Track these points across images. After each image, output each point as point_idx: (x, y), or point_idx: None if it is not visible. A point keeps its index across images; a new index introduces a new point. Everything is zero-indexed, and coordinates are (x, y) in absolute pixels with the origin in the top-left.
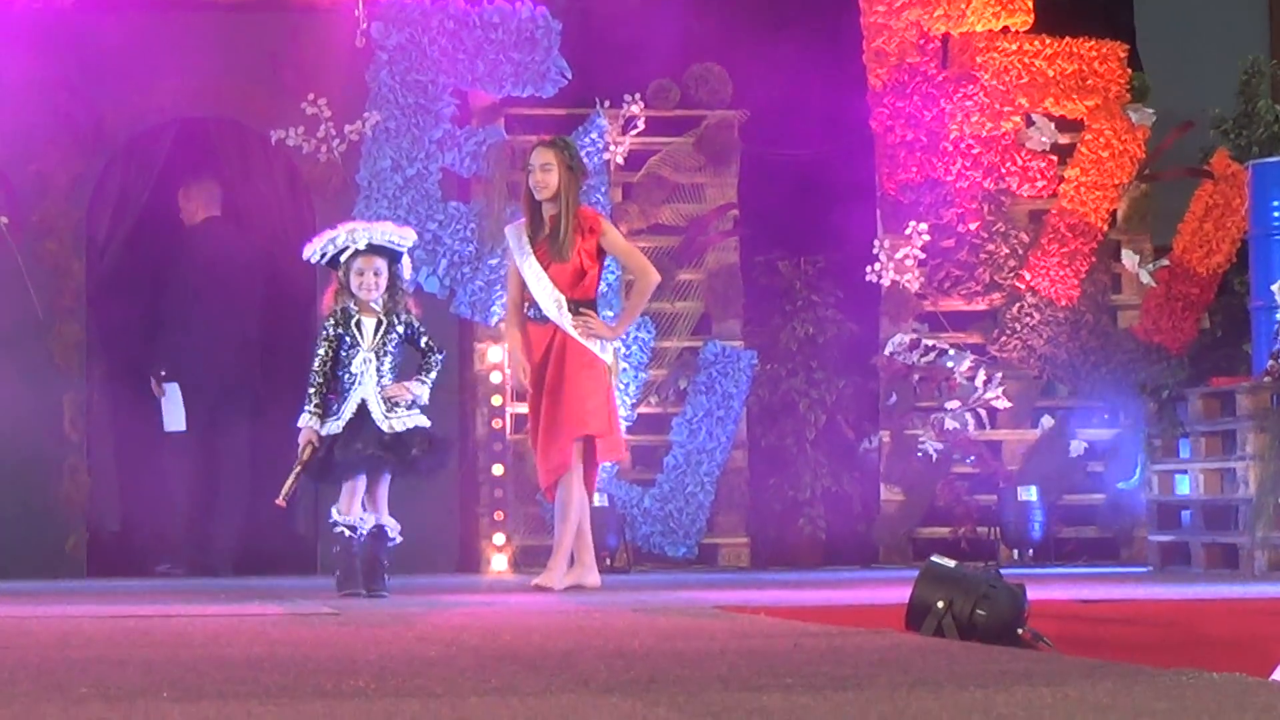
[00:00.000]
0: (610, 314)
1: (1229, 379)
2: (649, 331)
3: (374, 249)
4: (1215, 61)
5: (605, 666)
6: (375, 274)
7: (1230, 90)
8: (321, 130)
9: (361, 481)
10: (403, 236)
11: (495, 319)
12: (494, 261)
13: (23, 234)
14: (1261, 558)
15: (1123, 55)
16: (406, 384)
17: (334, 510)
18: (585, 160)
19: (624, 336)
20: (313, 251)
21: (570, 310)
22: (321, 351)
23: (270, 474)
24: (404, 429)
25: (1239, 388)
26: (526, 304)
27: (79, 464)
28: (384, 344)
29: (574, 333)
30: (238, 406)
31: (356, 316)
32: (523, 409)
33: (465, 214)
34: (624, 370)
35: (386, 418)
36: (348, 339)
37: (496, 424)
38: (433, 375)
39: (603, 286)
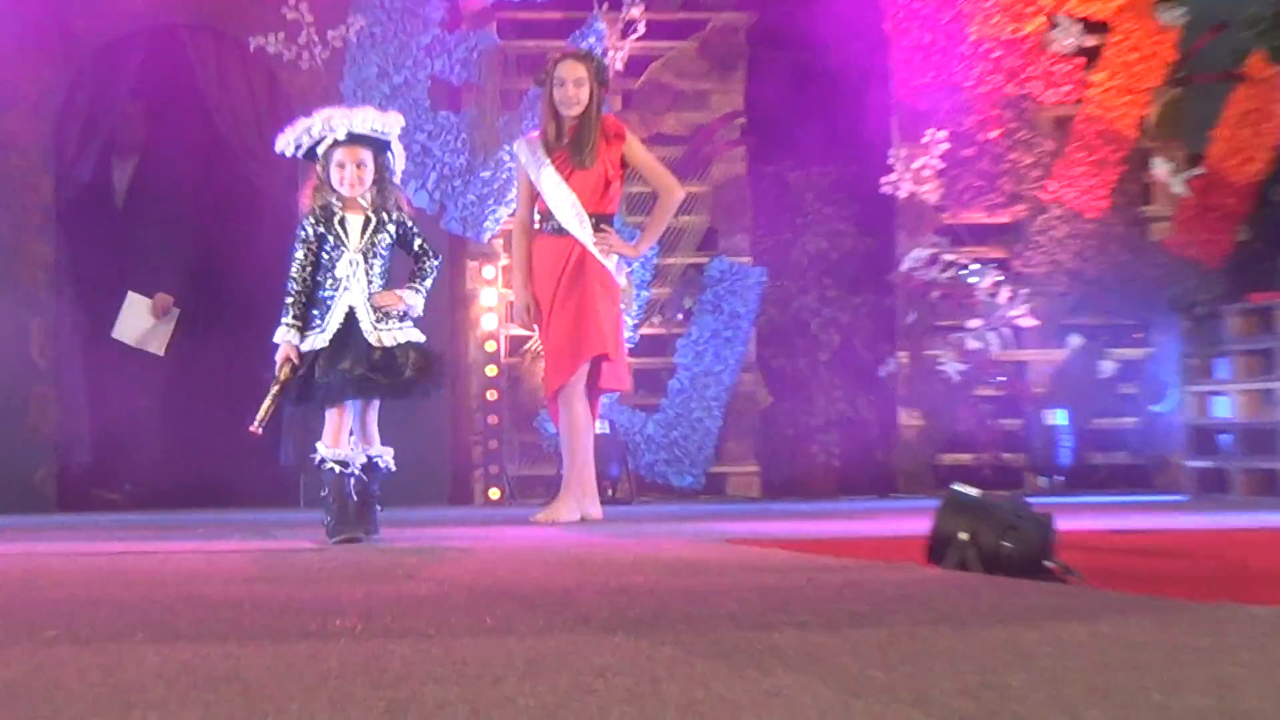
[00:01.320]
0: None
1: (1268, 294)
2: (653, 248)
3: (355, 139)
4: None
5: (608, 604)
6: (359, 166)
7: None
8: (303, 36)
9: (349, 408)
10: (387, 124)
11: (488, 235)
12: (486, 174)
13: None
14: None
15: None
16: (398, 291)
17: (319, 445)
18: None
19: (636, 258)
20: (286, 143)
21: (591, 224)
22: (300, 254)
23: (248, 399)
24: (395, 344)
25: (1278, 303)
26: (541, 218)
27: (47, 393)
28: (372, 245)
29: (594, 249)
30: (210, 328)
31: (340, 214)
32: (518, 331)
33: (456, 124)
34: (636, 295)
35: (376, 329)
36: (330, 239)
37: (490, 346)
38: (428, 283)
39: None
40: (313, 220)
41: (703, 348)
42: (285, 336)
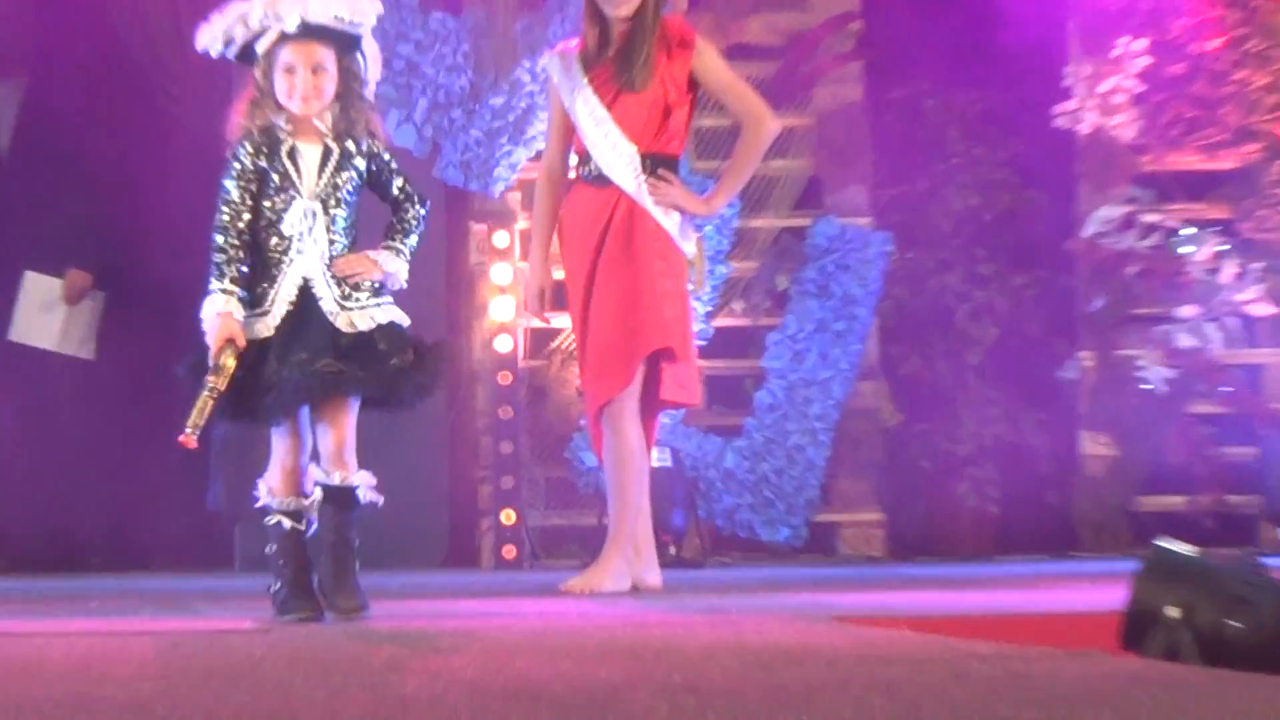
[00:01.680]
0: None
1: None
2: (731, 205)
3: (311, 32)
4: None
5: (669, 708)
6: (315, 71)
7: None
8: None
9: (305, 426)
10: (357, 9)
11: (500, 187)
12: (497, 102)
13: None
14: None
15: None
16: (370, 253)
17: (261, 483)
18: None
19: (710, 218)
20: (212, 38)
21: (645, 169)
22: (234, 193)
23: (162, 417)
24: (372, 326)
25: None
26: (578, 162)
27: None
28: (334, 188)
29: (648, 203)
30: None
31: (288, 142)
32: (541, 324)
33: (455, 31)
34: (710, 271)
35: (343, 307)
36: (274, 178)
37: (503, 344)
38: (411, 241)
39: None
40: (249, 149)
41: (804, 346)
42: (221, 306)
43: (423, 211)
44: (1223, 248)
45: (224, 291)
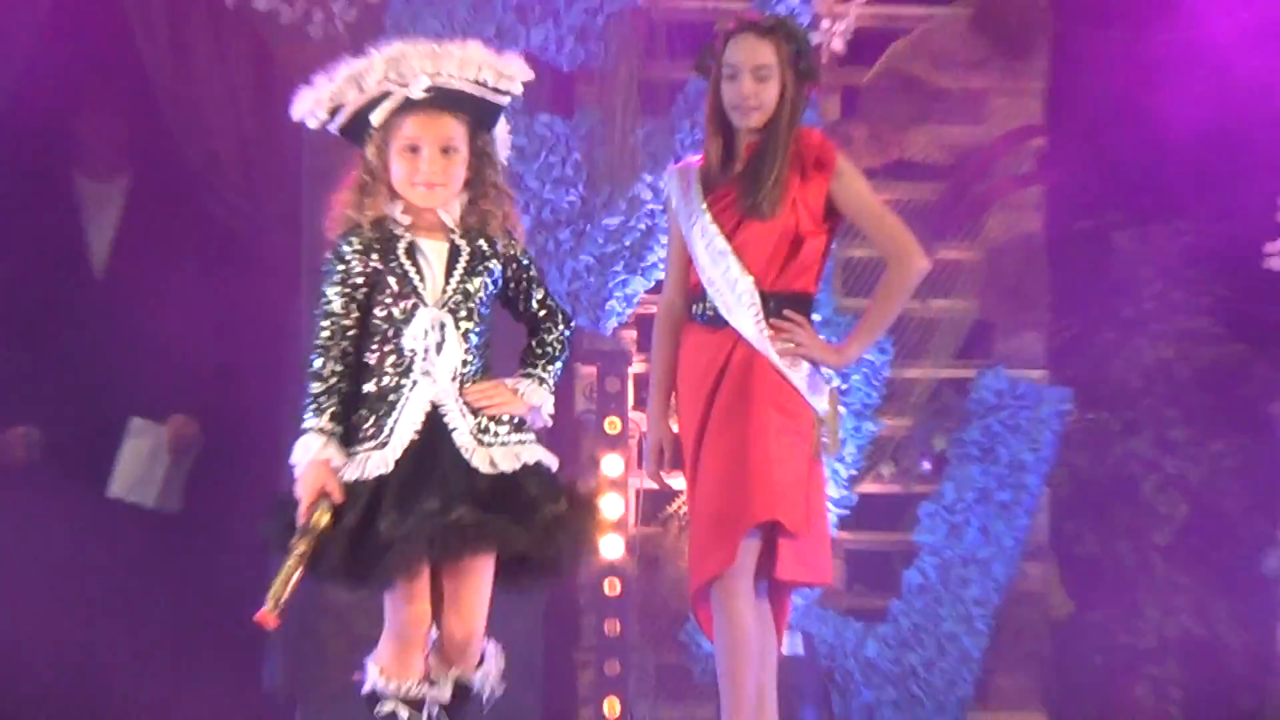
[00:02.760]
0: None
1: None
2: (883, 351)
3: (442, 99)
4: None
5: None
6: (445, 151)
7: None
8: None
9: (423, 591)
10: (503, 72)
11: (613, 323)
12: (613, 222)
13: None
14: None
15: None
16: (509, 382)
17: (369, 665)
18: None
19: (845, 368)
20: (315, 104)
21: (767, 310)
22: (336, 304)
23: (221, 580)
24: (514, 466)
25: None
26: (694, 300)
27: None
28: (464, 295)
29: (769, 350)
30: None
31: (407, 239)
32: (656, 486)
33: (565, 137)
34: (854, 430)
35: (481, 442)
36: (391, 282)
37: (613, 508)
38: (556, 368)
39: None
40: (356, 246)
41: (962, 518)
42: (316, 451)
43: (567, 332)
44: None
45: (320, 431)
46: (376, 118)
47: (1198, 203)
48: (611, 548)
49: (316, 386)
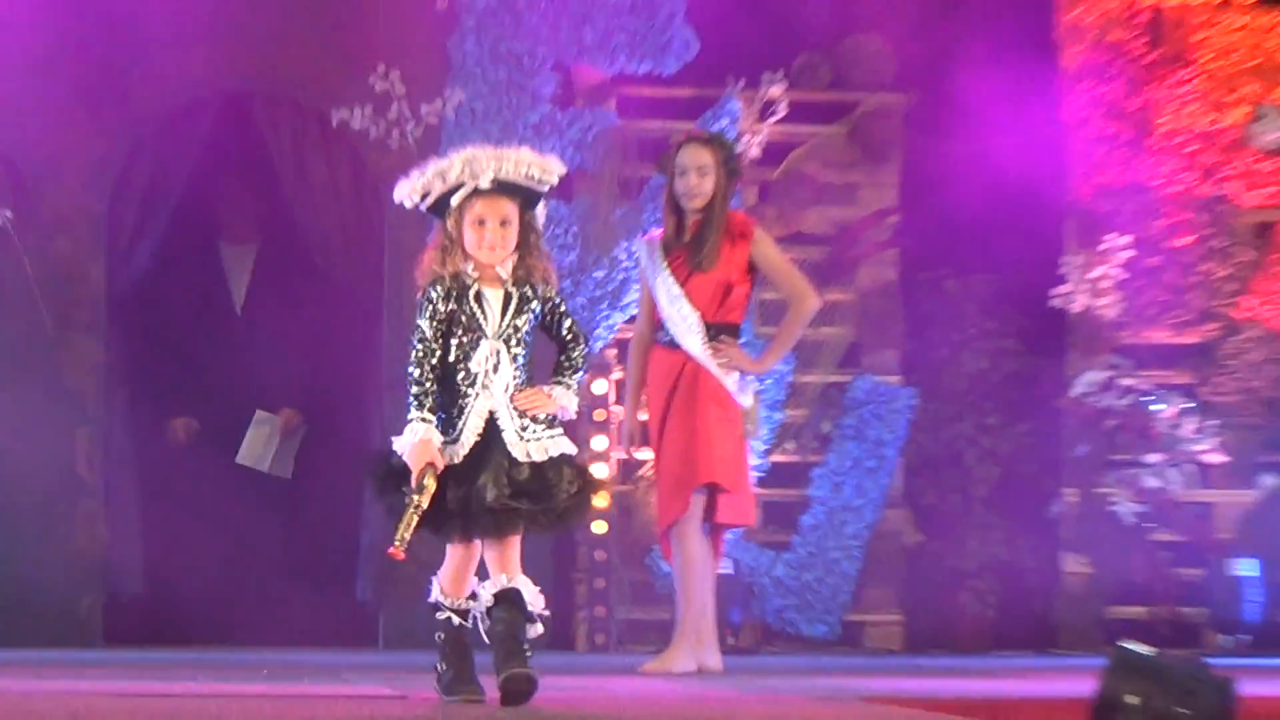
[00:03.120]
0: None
1: None
2: (786, 363)
3: (503, 188)
4: None
5: None
6: (503, 224)
7: None
8: (393, 111)
9: (474, 542)
10: (546, 170)
11: (599, 344)
12: (599, 274)
13: (31, 231)
14: None
15: None
16: (545, 388)
17: (435, 583)
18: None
19: (762, 375)
20: (411, 190)
21: (708, 336)
22: (428, 331)
23: (319, 522)
24: (544, 457)
25: None
26: (658, 330)
27: (95, 511)
28: (514, 329)
29: (710, 363)
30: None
31: (474, 288)
32: (629, 458)
33: (566, 216)
34: (765, 417)
35: (523, 438)
36: (463, 319)
37: (600, 471)
38: (579, 376)
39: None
40: (440, 292)
41: (842, 479)
42: (423, 433)
43: (587, 350)
44: (1186, 407)
45: (423, 420)
46: (455, 200)
47: (1004, 260)
48: (599, 500)
49: (416, 389)
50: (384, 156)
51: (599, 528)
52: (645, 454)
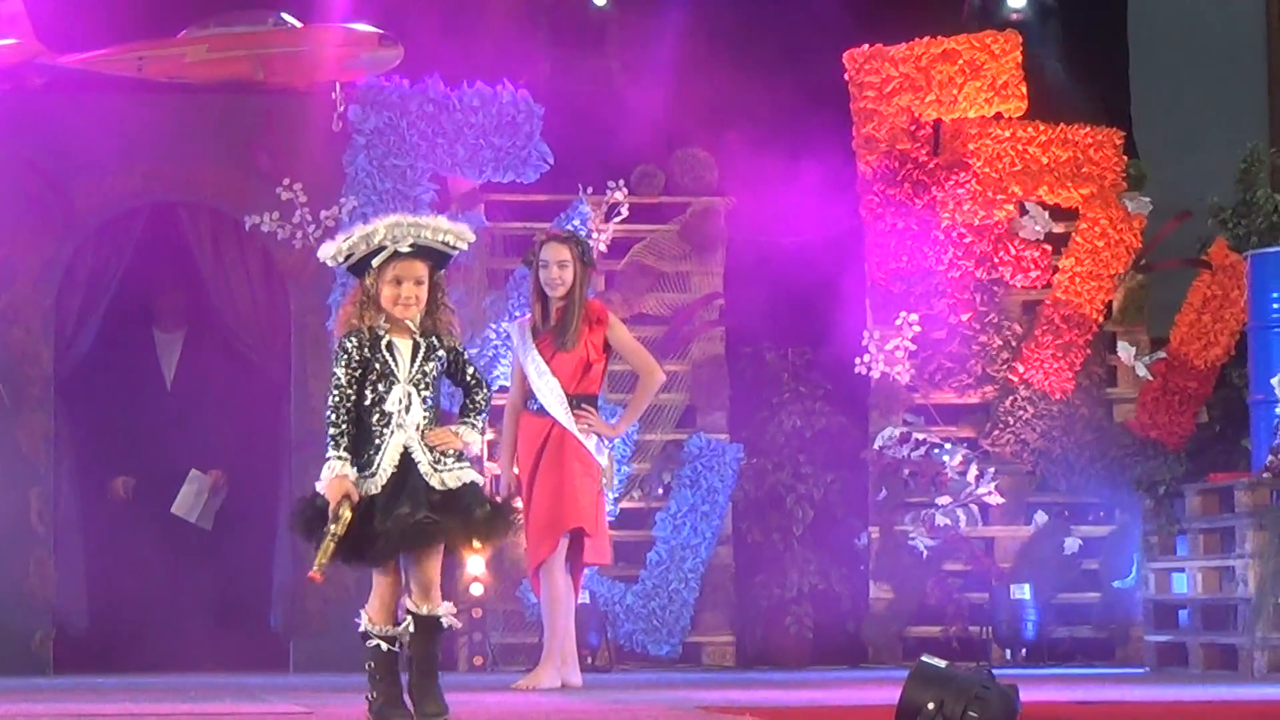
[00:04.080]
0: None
1: (1228, 475)
2: (635, 427)
3: (419, 252)
4: (1213, 149)
5: None
6: (417, 283)
7: (1229, 178)
8: (297, 216)
9: (402, 570)
10: (460, 236)
11: None
12: (472, 352)
13: None
14: (1261, 659)
15: (1118, 142)
16: (453, 428)
17: (362, 614)
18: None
19: (616, 437)
20: (336, 252)
21: (571, 404)
22: (342, 377)
23: (238, 560)
24: (457, 484)
25: (1238, 484)
26: (528, 399)
27: (45, 558)
28: (423, 375)
29: (574, 428)
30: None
31: (386, 338)
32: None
33: None
34: (618, 470)
35: (436, 470)
36: (377, 366)
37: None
38: (482, 418)
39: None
40: (356, 342)
41: (681, 521)
42: (339, 470)
43: (488, 394)
44: (969, 457)
45: (339, 458)
46: (376, 261)
47: (813, 334)
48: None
49: (333, 431)
50: (289, 254)
51: (476, 565)
52: (517, 503)
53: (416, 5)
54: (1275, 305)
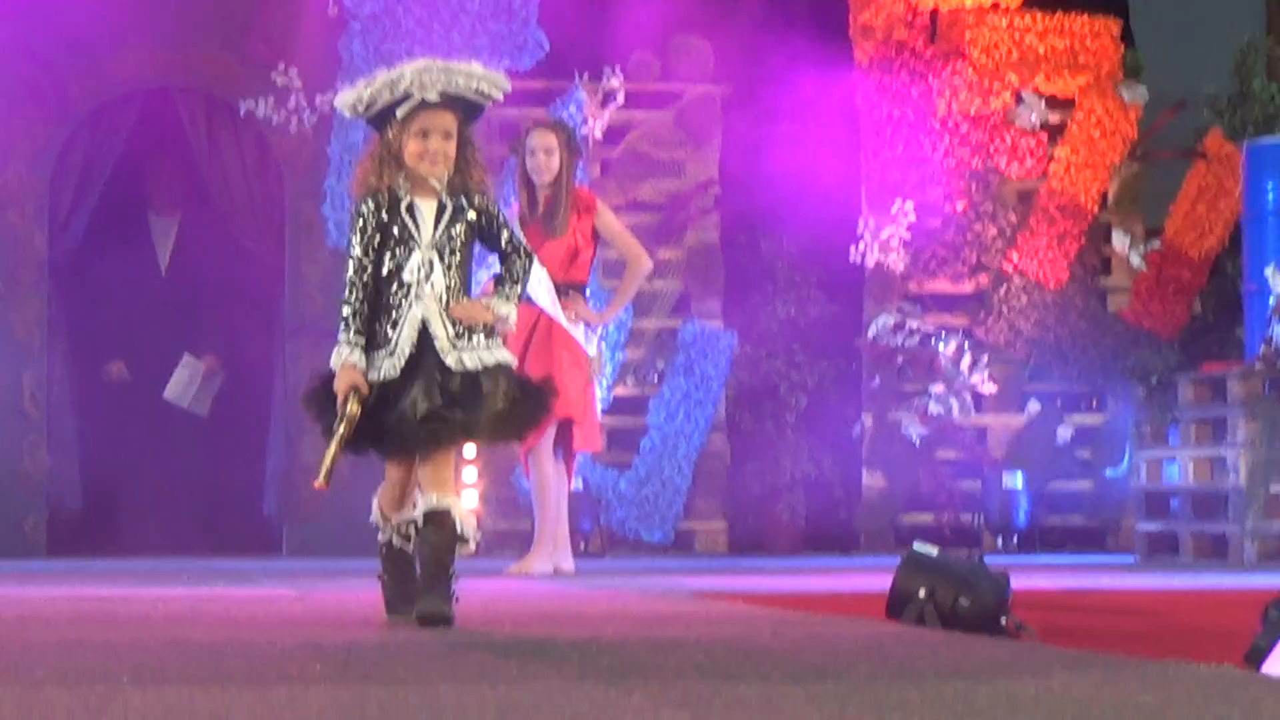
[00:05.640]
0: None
1: (1220, 364)
2: (626, 311)
3: (448, 101)
4: (1210, 40)
5: (579, 653)
6: (445, 136)
7: (1225, 69)
8: (292, 101)
9: (409, 460)
10: (495, 84)
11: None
12: None
13: None
14: (1251, 547)
15: (1115, 32)
16: (483, 299)
17: (374, 503)
18: (580, 140)
19: (607, 325)
20: (355, 100)
21: (558, 292)
22: (357, 249)
23: (234, 446)
24: (480, 367)
25: (1230, 373)
26: None
27: (38, 442)
28: (448, 239)
29: (561, 316)
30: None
31: (408, 199)
32: None
33: None
34: (611, 358)
35: (455, 347)
36: (395, 231)
37: None
38: (520, 289)
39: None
40: (373, 205)
41: (674, 408)
42: (348, 358)
43: (528, 262)
44: (963, 345)
45: (349, 344)
46: (401, 111)
47: (808, 223)
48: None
49: (346, 310)
50: (284, 140)
51: (469, 451)
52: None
53: None
54: (1270, 195)
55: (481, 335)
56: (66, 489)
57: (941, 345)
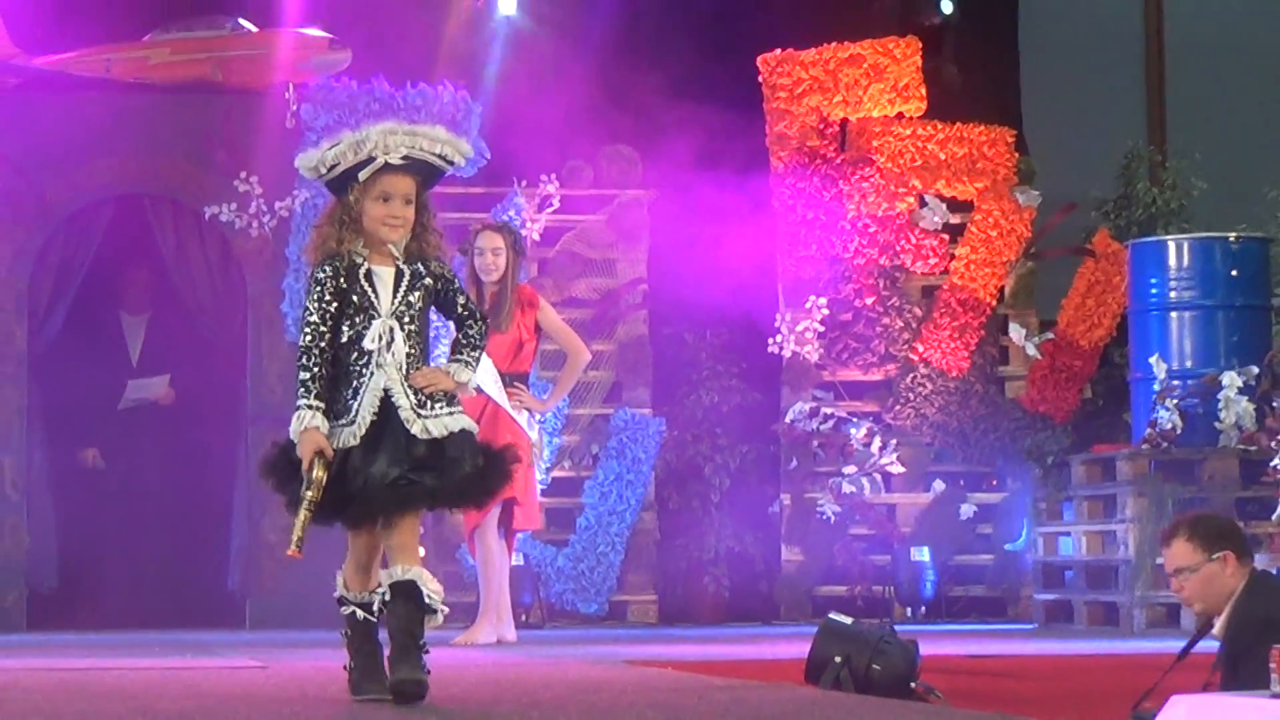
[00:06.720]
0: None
1: (1110, 446)
2: (563, 400)
3: (409, 166)
4: (1096, 147)
5: (520, 717)
6: (406, 202)
7: (1111, 174)
8: (253, 206)
9: (373, 529)
10: (458, 150)
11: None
12: None
13: None
14: (1140, 615)
15: (1010, 140)
16: (442, 367)
17: (338, 577)
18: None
19: (546, 412)
20: (317, 161)
21: (504, 382)
22: (315, 314)
23: (199, 522)
24: (443, 433)
25: (1119, 454)
26: None
27: (18, 523)
28: (407, 306)
29: (506, 404)
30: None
31: (365, 266)
32: None
33: None
34: (549, 443)
35: (419, 415)
36: (354, 299)
37: None
38: (477, 354)
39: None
40: (330, 272)
41: (607, 489)
42: (309, 422)
43: (483, 327)
44: (873, 429)
45: (309, 407)
46: (363, 175)
47: (729, 317)
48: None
49: (305, 375)
50: (246, 242)
51: (419, 530)
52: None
53: (362, 11)
54: (1153, 290)
55: (443, 402)
56: (45, 567)
57: (853, 429)
